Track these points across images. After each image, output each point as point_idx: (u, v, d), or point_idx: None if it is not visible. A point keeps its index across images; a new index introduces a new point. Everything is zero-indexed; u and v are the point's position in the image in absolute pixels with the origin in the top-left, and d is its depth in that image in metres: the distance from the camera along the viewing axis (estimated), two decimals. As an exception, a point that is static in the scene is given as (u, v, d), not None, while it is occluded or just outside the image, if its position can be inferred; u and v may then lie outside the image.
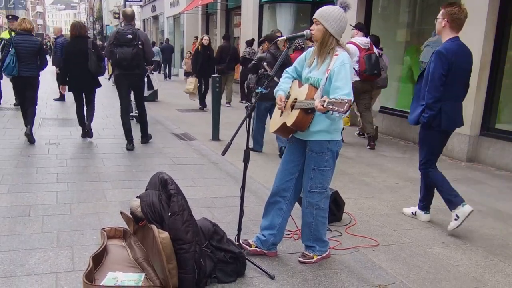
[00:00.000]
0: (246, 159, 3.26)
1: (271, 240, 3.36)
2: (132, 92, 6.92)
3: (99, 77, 7.03)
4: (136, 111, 7.48)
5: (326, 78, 2.95)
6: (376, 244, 3.68)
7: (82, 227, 3.76)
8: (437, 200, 4.83)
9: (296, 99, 3.11)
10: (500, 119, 6.69)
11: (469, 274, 3.24)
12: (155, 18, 31.34)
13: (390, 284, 3.06)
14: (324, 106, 2.66)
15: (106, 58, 7.93)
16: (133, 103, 7.79)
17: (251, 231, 3.82)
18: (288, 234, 3.78)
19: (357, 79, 6.94)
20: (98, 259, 2.95)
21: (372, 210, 4.48)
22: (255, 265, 3.16)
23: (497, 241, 3.87)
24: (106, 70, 8.46)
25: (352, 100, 2.84)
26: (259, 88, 3.36)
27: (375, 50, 7.18)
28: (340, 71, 2.91)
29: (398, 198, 4.87)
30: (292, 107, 3.11)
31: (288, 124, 3.09)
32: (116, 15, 43.10)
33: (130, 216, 3.11)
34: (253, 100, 3.71)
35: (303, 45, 8.38)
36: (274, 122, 3.35)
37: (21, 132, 7.31)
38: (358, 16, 9.12)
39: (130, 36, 6.32)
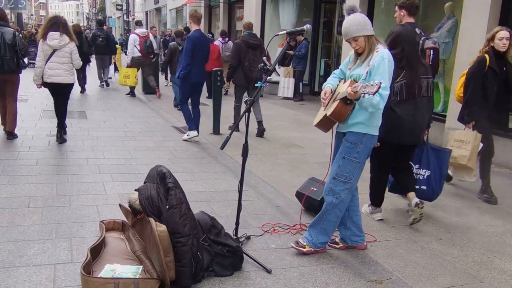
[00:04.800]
0: (244, 154, 3.27)
1: (348, 233, 3.45)
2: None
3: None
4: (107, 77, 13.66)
5: (367, 72, 3.05)
6: (373, 239, 3.69)
7: (81, 219, 3.78)
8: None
9: (338, 93, 3.23)
10: (501, 116, 6.66)
11: (465, 271, 3.25)
12: (158, 10, 31.26)
13: (386, 280, 3.07)
14: (357, 90, 2.80)
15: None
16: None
17: (250, 225, 3.84)
18: (286, 229, 3.80)
19: (139, 54, 11.31)
20: (96, 251, 2.97)
21: (370, 205, 4.49)
22: (252, 259, 3.17)
23: (494, 238, 3.87)
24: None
25: (388, 92, 2.97)
26: (259, 82, 3.37)
27: (150, 36, 11.63)
28: (379, 66, 3.01)
29: (397, 194, 4.86)
30: (335, 99, 3.23)
31: (328, 114, 3.18)
32: (119, 7, 42.99)
33: (129, 209, 3.13)
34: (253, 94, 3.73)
35: (212, 38, 12.67)
36: (318, 116, 3.45)
37: (21, 124, 7.33)
38: (361, 12, 9.07)
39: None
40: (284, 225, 3.88)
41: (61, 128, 6.48)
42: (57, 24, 6.11)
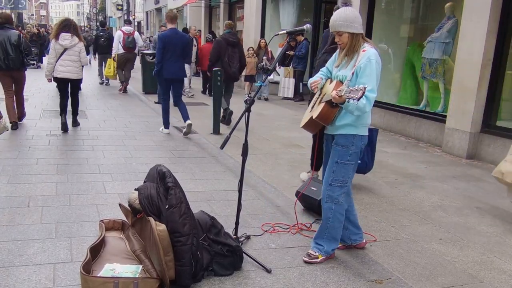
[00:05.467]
0: (244, 153, 3.26)
1: (346, 233, 3.44)
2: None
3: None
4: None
5: (352, 73, 2.99)
6: (373, 239, 3.69)
7: (81, 219, 3.78)
8: (436, 197, 4.86)
9: (325, 94, 3.18)
10: (501, 117, 6.67)
11: (466, 271, 3.25)
12: (158, 10, 31.28)
13: (386, 280, 3.07)
14: (341, 95, 2.74)
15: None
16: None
17: (249, 224, 3.84)
18: (286, 229, 3.80)
19: (122, 50, 12.08)
20: (96, 250, 2.97)
21: (370, 205, 4.49)
22: (252, 258, 3.17)
23: (494, 238, 3.87)
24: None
25: (375, 95, 2.91)
26: (259, 82, 3.37)
27: (135, 34, 12.61)
28: (366, 68, 2.94)
29: (397, 194, 4.87)
30: (321, 101, 3.19)
31: (314, 117, 3.15)
32: (120, 7, 43.01)
33: (129, 208, 3.12)
34: (252, 94, 3.73)
35: (212, 38, 12.70)
36: (304, 117, 3.42)
37: (20, 123, 7.34)
38: (361, 11, 9.07)
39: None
40: (284, 224, 3.88)
41: (75, 115, 7.55)
42: (68, 26, 6.92)
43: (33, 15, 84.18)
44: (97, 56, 14.23)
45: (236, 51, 8.16)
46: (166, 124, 7.48)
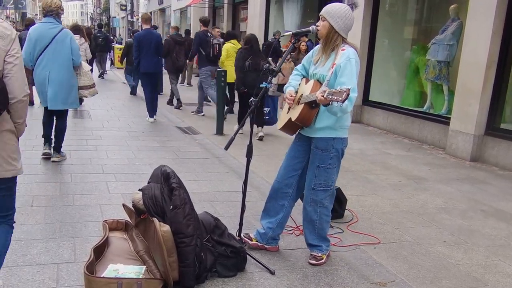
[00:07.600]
0: (249, 154, 3.25)
1: (269, 233, 3.37)
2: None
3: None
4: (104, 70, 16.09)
5: (331, 73, 2.95)
6: (377, 241, 3.68)
7: (84, 219, 3.78)
8: (440, 199, 4.84)
9: (302, 94, 3.13)
10: (505, 119, 6.65)
11: (470, 274, 3.24)
12: (162, 11, 31.31)
13: (390, 282, 3.06)
14: (325, 96, 2.68)
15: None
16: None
17: (253, 226, 3.82)
18: (290, 230, 3.79)
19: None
20: (100, 250, 2.97)
21: (374, 207, 4.48)
22: (256, 260, 3.16)
23: (499, 241, 3.85)
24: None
25: (356, 94, 2.86)
26: (264, 83, 3.35)
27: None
28: (346, 67, 2.91)
29: (400, 196, 4.86)
30: (298, 102, 3.13)
31: (293, 119, 3.10)
32: (123, 7, 43.09)
33: (132, 208, 3.12)
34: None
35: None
36: (281, 119, 3.38)
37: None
38: (366, 13, 9.07)
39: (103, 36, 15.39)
40: (287, 226, 3.86)
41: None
42: (78, 30, 8.96)
43: (37, 14, 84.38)
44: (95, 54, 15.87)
45: (182, 49, 10.47)
46: (151, 113, 8.51)
